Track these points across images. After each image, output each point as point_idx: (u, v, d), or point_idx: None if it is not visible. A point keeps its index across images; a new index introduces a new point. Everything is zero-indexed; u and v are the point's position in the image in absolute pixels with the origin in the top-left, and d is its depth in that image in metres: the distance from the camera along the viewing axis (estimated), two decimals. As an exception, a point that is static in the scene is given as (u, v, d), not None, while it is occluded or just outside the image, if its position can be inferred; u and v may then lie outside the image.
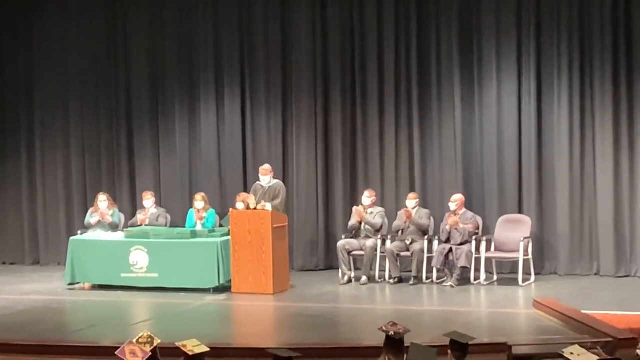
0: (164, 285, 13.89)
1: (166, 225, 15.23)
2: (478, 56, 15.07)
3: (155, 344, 8.41)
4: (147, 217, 15.19)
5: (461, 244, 14.04)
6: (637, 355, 8.47)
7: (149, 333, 8.44)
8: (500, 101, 14.98)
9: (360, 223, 14.61)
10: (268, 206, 13.97)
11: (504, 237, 14.39)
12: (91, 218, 15.44)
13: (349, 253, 14.50)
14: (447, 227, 14.17)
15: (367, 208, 14.67)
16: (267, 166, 14.55)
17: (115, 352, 7.72)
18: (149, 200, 15.40)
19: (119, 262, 14.10)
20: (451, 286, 13.86)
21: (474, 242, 14.09)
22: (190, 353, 8.06)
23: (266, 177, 14.35)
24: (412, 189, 15.16)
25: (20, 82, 17.15)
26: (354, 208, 14.68)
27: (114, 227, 15.24)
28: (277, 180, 14.57)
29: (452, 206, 14.30)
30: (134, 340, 8.13)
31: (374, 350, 8.89)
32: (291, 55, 15.89)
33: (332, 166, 15.80)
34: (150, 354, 7.85)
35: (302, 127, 15.84)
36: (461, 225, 14.10)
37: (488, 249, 14.22)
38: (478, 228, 14.27)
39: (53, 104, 16.98)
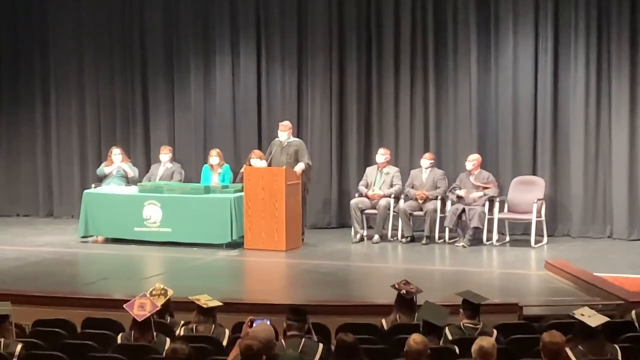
0: (177, 240, 13.92)
1: (181, 181, 15.23)
2: (495, 16, 14.97)
3: (169, 295, 8.49)
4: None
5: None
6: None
7: (161, 285, 8.52)
8: (517, 62, 14.90)
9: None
10: (301, 165, 13.90)
11: (517, 198, 14.38)
12: (105, 168, 15.48)
13: (361, 211, 14.50)
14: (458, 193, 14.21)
15: (382, 166, 14.64)
16: (286, 123, 14.42)
17: (124, 305, 7.79)
18: (165, 154, 15.42)
19: (133, 216, 14.13)
20: (463, 246, 13.87)
21: (487, 203, 14.08)
22: (204, 306, 8.14)
23: (283, 134, 14.23)
24: (426, 149, 15.13)
25: (35, 35, 17.09)
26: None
27: (134, 181, 15.25)
28: (295, 138, 14.45)
29: (469, 165, 14.28)
30: (148, 293, 8.20)
31: (385, 308, 8.95)
32: (307, 12, 15.80)
33: (346, 124, 15.76)
34: (159, 307, 7.92)
35: (317, 85, 15.79)
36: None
37: (501, 209, 14.21)
38: (497, 190, 14.25)
39: (68, 57, 16.95)
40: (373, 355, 7.29)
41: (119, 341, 7.84)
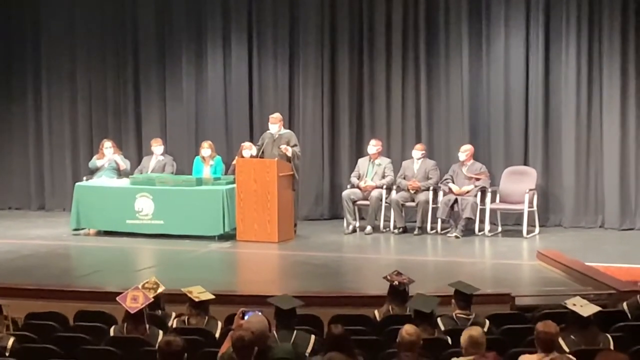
0: (169, 232, 13.90)
1: (172, 173, 15.21)
2: (486, 7, 14.96)
3: (159, 291, 8.48)
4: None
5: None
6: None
7: (155, 279, 8.52)
8: (508, 53, 14.91)
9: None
10: (288, 148, 13.84)
11: (509, 189, 14.39)
12: (97, 161, 15.45)
13: (354, 203, 14.51)
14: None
15: (374, 157, 14.65)
16: (276, 115, 14.32)
17: (117, 298, 7.79)
18: (157, 147, 15.40)
19: (125, 208, 14.11)
20: (456, 237, 13.87)
21: (479, 194, 14.09)
22: (196, 299, 8.14)
23: (274, 126, 14.15)
24: (418, 140, 15.13)
25: (27, 27, 17.04)
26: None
27: (126, 174, 15.23)
28: (286, 130, 14.40)
29: (462, 156, 14.30)
30: (140, 285, 8.20)
31: (377, 299, 8.96)
32: (299, 3, 15.77)
33: (338, 116, 15.75)
34: (152, 300, 7.92)
35: (309, 77, 15.77)
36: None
37: (493, 200, 14.22)
38: (489, 181, 14.27)
39: (59, 50, 16.90)
40: (366, 347, 7.30)
41: (111, 334, 7.84)
